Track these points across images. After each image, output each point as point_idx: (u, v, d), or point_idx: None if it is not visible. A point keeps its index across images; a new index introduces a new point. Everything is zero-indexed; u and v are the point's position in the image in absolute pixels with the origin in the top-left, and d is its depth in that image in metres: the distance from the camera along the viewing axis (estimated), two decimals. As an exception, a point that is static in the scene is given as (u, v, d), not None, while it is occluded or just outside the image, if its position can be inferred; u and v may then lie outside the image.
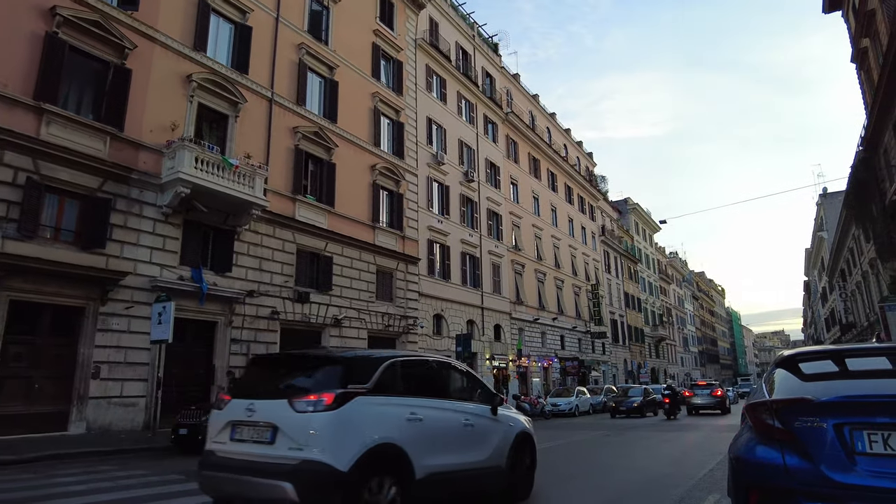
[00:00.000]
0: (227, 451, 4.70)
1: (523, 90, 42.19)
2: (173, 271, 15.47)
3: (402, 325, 23.69)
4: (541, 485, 7.03)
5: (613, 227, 58.47)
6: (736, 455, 3.28)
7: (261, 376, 5.44)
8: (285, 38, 20.16)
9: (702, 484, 7.51)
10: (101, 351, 13.70)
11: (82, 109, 14.15)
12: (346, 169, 21.87)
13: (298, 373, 5.08)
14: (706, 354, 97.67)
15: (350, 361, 4.91)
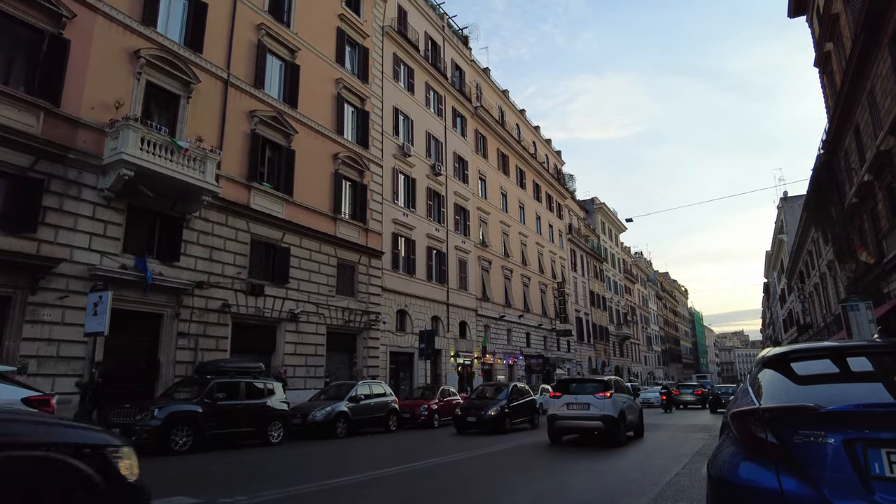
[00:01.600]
0: (566, 415, 13.11)
1: (493, 85, 41.72)
2: (115, 259, 14.41)
3: (364, 321, 22.92)
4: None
5: (580, 225, 58.62)
6: (718, 475, 2.65)
7: (565, 387, 13.77)
8: (244, 16, 19.15)
9: (667, 492, 7.06)
10: (30, 344, 12.62)
11: (11, 80, 12.98)
12: (307, 156, 20.97)
13: (592, 384, 13.65)
14: (669, 353, 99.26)
15: (609, 380, 13.60)
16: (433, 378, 27.26)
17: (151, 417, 10.89)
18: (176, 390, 13.02)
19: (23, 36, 13.29)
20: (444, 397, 20.87)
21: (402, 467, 9.29)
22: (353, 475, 8.44)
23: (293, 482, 7.76)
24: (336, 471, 8.89)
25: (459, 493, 7.35)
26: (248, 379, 13.44)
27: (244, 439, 13.11)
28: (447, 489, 7.66)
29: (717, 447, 2.96)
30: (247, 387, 13.16)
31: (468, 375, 30.93)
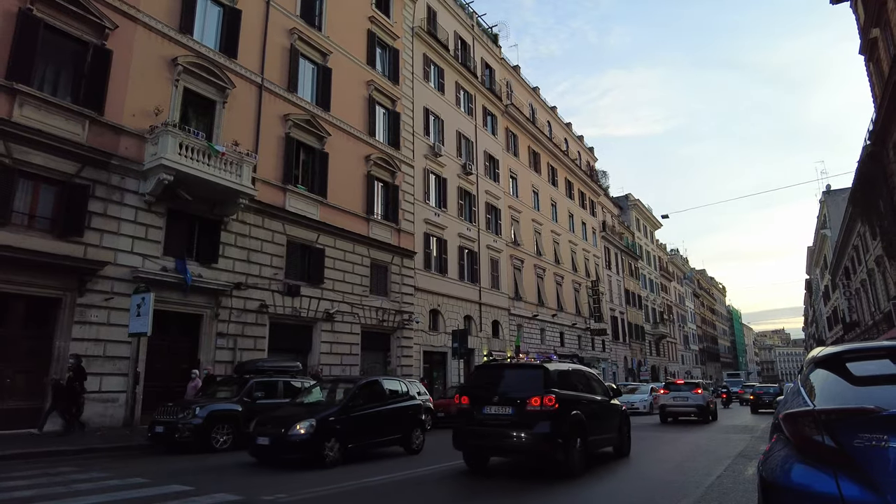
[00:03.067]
0: (673, 404, 20.53)
1: (524, 83, 41.44)
2: (156, 262, 14.83)
3: (398, 321, 23.05)
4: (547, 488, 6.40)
5: (614, 223, 57.76)
6: (770, 479, 2.55)
7: (670, 387, 21.58)
8: (276, 22, 19.46)
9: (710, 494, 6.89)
10: (79, 344, 13.09)
11: (59, 91, 13.50)
12: (340, 159, 21.20)
13: (689, 385, 21.52)
14: (707, 352, 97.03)
15: (700, 382, 22.48)
16: (467, 377, 27.23)
17: (193, 416, 11.14)
18: (216, 389, 13.31)
19: (69, 48, 13.79)
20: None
21: (435, 467, 9.29)
22: (391, 474, 8.48)
23: (332, 481, 7.84)
24: (372, 470, 8.94)
25: (489, 495, 7.29)
26: (285, 378, 13.64)
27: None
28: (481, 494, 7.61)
29: (767, 449, 2.86)
30: (285, 386, 13.36)
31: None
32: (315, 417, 9.41)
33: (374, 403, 10.84)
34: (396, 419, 11.17)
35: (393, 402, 11.45)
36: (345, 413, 9.91)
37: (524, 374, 8.76)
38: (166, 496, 6.53)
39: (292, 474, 8.41)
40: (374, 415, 10.66)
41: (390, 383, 12.11)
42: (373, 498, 6.90)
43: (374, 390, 11.28)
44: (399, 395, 11.93)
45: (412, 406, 11.86)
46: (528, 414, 7.92)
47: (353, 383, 11.11)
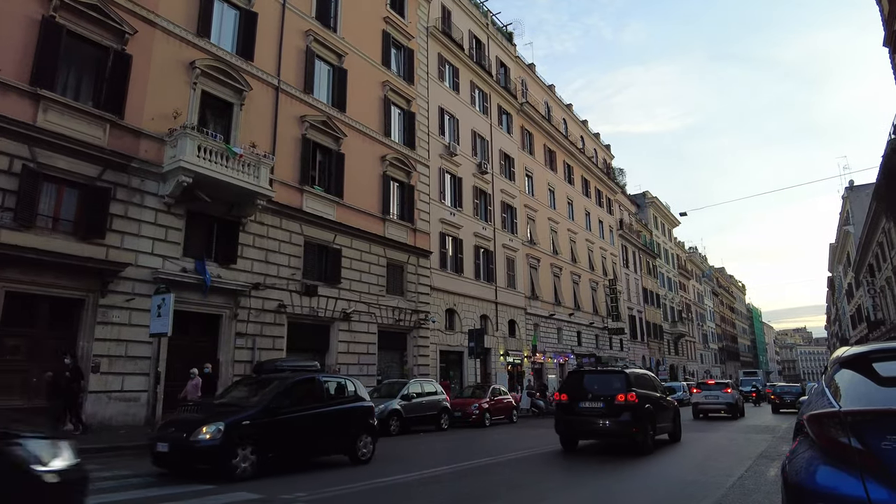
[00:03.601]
0: (704, 402, 22.74)
1: (539, 81, 41.26)
2: (176, 263, 15.03)
3: (414, 320, 23.10)
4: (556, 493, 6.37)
5: (631, 221, 57.27)
6: (794, 481, 2.50)
7: (702, 387, 24.15)
8: (292, 24, 19.60)
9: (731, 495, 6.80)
10: (102, 344, 13.32)
11: (81, 96, 13.73)
12: (356, 159, 21.29)
13: (720, 385, 23.80)
14: (726, 351, 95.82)
15: (728, 381, 24.99)
16: (483, 377, 27.22)
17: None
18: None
19: (90, 54, 14.03)
20: (495, 396, 20.80)
21: (457, 465, 9.30)
22: (406, 473, 8.51)
23: (349, 480, 7.89)
24: (389, 469, 8.97)
25: (522, 491, 7.29)
26: (302, 378, 13.71)
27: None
28: (502, 488, 7.60)
29: (791, 451, 2.82)
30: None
31: (518, 374, 30.74)
32: (226, 420, 7.88)
33: (309, 405, 9.34)
34: (339, 424, 9.71)
35: (336, 403, 10.01)
36: (267, 415, 8.37)
37: (611, 377, 11.56)
38: (186, 494, 6.62)
39: (312, 473, 8.47)
40: (307, 418, 9.14)
41: (333, 381, 10.67)
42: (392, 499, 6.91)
43: (311, 389, 9.71)
44: (344, 395, 10.46)
45: (360, 408, 10.37)
46: (616, 406, 10.73)
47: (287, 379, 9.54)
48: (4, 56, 12.31)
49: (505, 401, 21.08)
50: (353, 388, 10.76)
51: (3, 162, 12.11)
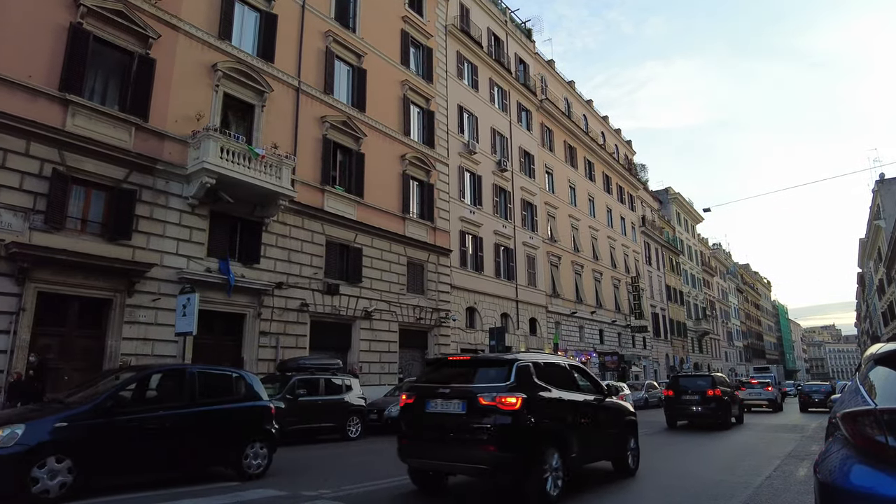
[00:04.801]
0: (749, 398, 25.54)
1: (558, 77, 40.97)
2: (200, 263, 15.27)
3: (434, 318, 23.14)
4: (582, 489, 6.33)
5: (654, 217, 56.58)
6: (828, 480, 2.43)
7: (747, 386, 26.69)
8: (311, 25, 19.75)
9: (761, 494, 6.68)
10: (129, 343, 13.59)
11: (107, 100, 14.01)
12: (375, 159, 21.39)
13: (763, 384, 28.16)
14: (752, 349, 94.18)
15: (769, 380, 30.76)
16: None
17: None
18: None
19: (116, 59, 14.31)
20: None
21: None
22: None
23: (373, 477, 7.93)
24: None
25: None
26: (327, 375, 13.85)
27: (324, 434, 13.51)
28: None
29: (824, 450, 2.75)
30: (326, 383, 13.58)
31: (540, 372, 30.55)
32: (29, 422, 6.14)
33: (171, 404, 7.49)
34: (217, 429, 7.77)
35: (213, 402, 7.90)
36: (98, 416, 6.49)
37: (702, 379, 16.87)
38: (213, 490, 6.72)
39: (338, 469, 8.53)
40: (167, 420, 7.19)
41: (213, 375, 8.54)
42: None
43: (178, 384, 7.78)
44: (232, 392, 8.40)
45: (249, 410, 8.31)
46: (707, 398, 16.00)
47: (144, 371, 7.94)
48: (35, 63, 12.62)
49: (527, 399, 21.03)
50: (243, 383, 8.66)
51: (34, 166, 12.42)
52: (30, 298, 12.03)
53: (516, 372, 6.24)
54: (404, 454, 6.58)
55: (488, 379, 6.29)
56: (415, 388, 6.90)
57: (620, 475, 7.82)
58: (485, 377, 6.40)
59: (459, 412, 6.09)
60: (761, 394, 26.60)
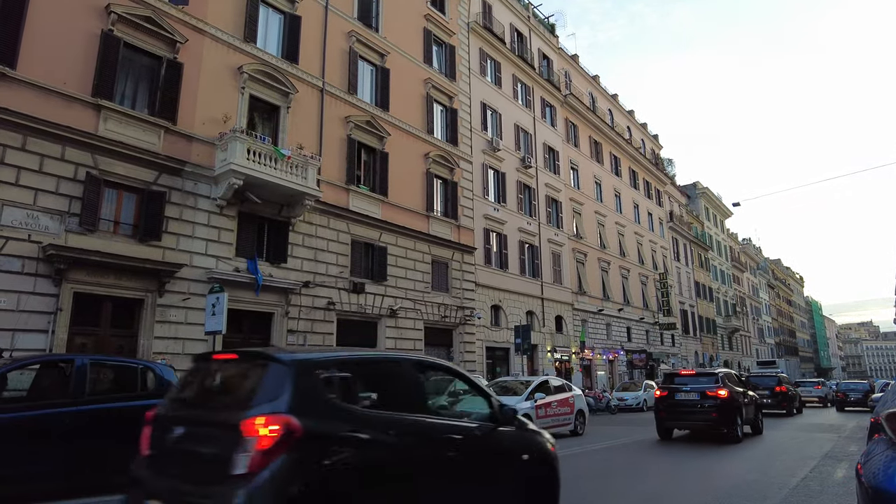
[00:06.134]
0: (803, 396, 26.98)
1: (583, 71, 40.53)
2: (229, 263, 15.51)
3: (459, 317, 23.12)
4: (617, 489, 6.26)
5: (682, 212, 55.63)
6: (873, 483, 2.32)
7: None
8: (335, 26, 19.87)
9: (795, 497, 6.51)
10: (160, 342, 13.88)
11: (137, 104, 14.32)
12: (399, 158, 21.45)
13: (812, 382, 33.52)
14: (784, 346, 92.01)
15: (820, 380, 35.29)
16: (530, 373, 27.00)
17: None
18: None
19: (145, 64, 14.61)
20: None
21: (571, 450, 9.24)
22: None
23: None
24: None
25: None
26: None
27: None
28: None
29: (866, 451, 2.65)
30: (351, 381, 13.63)
31: (566, 371, 30.36)
32: None
33: (47, 401, 6.43)
34: (113, 431, 6.16)
35: (106, 399, 6.68)
36: None
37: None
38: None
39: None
40: (42, 421, 6.05)
41: (109, 366, 7.30)
42: None
43: (59, 379, 6.65)
44: (132, 387, 7.13)
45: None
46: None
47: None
48: (69, 70, 12.96)
49: (553, 397, 20.85)
50: (154, 377, 7.31)
51: (69, 170, 12.76)
52: (66, 299, 12.37)
53: (721, 378, 12.76)
54: (663, 420, 12.96)
55: (708, 381, 12.72)
56: (665, 387, 13.30)
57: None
58: (706, 381, 12.79)
59: (696, 399, 12.54)
60: (811, 392, 30.74)
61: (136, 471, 3.83)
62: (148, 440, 3.90)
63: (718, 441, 12.12)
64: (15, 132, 12.02)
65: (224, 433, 3.29)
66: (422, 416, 4.11)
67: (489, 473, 4.32)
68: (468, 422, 4.48)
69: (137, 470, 3.83)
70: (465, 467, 4.08)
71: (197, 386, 4.15)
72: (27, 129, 12.17)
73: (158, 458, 3.78)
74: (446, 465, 3.99)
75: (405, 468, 3.74)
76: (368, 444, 3.53)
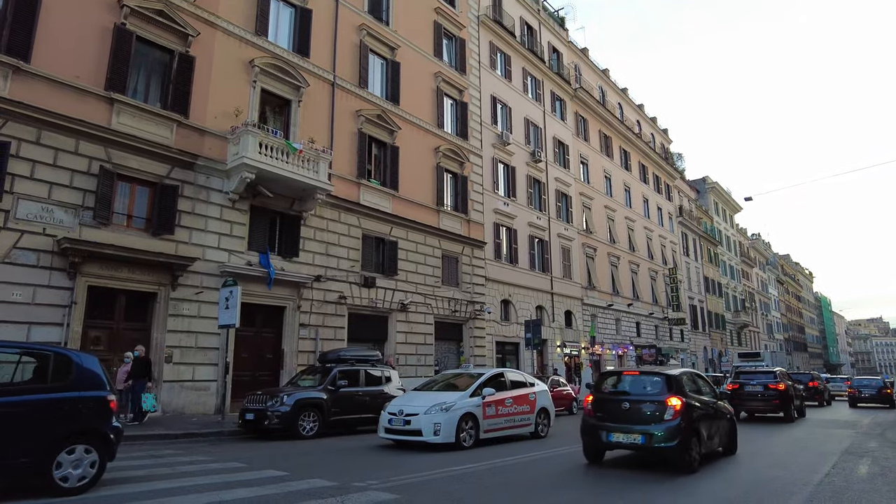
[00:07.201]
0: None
1: (592, 65, 40.24)
2: (241, 256, 15.51)
3: (469, 311, 23.08)
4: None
5: (691, 207, 55.27)
6: None
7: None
8: (345, 19, 19.78)
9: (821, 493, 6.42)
10: (173, 335, 13.91)
11: (149, 98, 14.32)
12: (410, 152, 21.37)
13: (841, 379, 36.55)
14: (793, 342, 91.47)
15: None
16: (540, 368, 26.94)
17: (281, 404, 11.56)
18: (300, 378, 13.76)
19: (157, 57, 14.61)
20: (555, 388, 20.49)
21: (523, 456, 9.20)
22: (476, 463, 8.47)
23: (419, 468, 7.92)
24: (457, 459, 8.95)
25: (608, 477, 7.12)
26: (367, 367, 13.91)
27: (364, 425, 13.55)
28: (577, 474, 7.45)
29: None
30: (366, 374, 13.64)
31: (576, 366, 30.28)
32: None
33: None
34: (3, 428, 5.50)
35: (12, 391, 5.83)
36: None
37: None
38: (264, 480, 6.80)
39: (380, 460, 8.56)
40: None
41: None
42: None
43: None
44: (40, 378, 6.09)
45: (61, 402, 5.93)
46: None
47: None
48: (82, 64, 12.95)
49: (564, 392, 20.77)
50: (67, 366, 6.21)
51: (82, 163, 12.77)
52: (81, 292, 12.40)
53: (778, 374, 17.07)
54: (736, 406, 14.39)
55: (769, 378, 16.78)
56: (736, 381, 17.14)
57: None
58: (767, 376, 17.01)
59: (760, 390, 16.45)
60: (842, 386, 32.08)
61: (595, 421, 8.31)
62: (594, 407, 8.46)
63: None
64: (30, 126, 12.04)
65: (655, 404, 7.84)
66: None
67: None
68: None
69: (596, 421, 8.29)
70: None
71: (616, 384, 8.90)
72: (41, 123, 12.19)
73: (609, 414, 8.19)
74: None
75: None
76: (698, 408, 8.27)
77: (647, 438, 7.62)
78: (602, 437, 8.07)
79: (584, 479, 7.41)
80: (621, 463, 8.63)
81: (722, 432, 9.08)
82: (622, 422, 7.94)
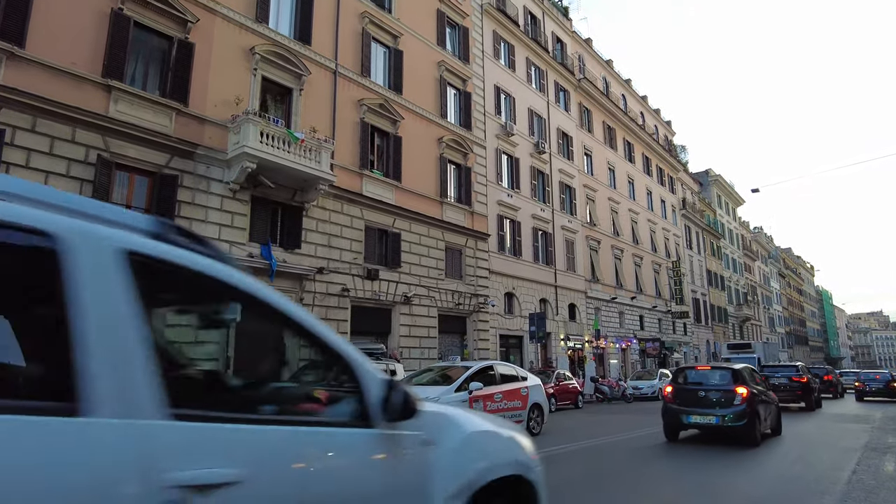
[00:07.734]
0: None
1: (596, 56, 39.79)
2: (242, 248, 15.20)
3: (473, 304, 22.79)
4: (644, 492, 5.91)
5: (694, 200, 54.92)
6: None
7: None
8: (348, 6, 19.38)
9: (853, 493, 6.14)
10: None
11: (148, 86, 13.95)
12: (413, 142, 21.02)
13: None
14: (794, 336, 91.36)
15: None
16: (544, 361, 26.71)
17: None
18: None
19: (155, 44, 14.22)
20: (560, 381, 20.29)
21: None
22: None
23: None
24: None
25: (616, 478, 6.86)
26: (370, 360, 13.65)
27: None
28: (602, 476, 7.20)
29: None
30: (369, 369, 13.37)
31: (579, 359, 30.04)
32: None
33: None
34: None
35: None
36: None
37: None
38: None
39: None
40: None
41: None
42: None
43: None
44: None
45: None
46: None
47: None
48: (78, 50, 12.59)
49: (570, 386, 20.58)
50: None
51: (80, 152, 12.44)
52: (78, 284, 12.08)
53: (800, 368, 18.99)
54: None
55: (793, 371, 18.77)
56: (762, 374, 15.68)
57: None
58: (790, 370, 18.93)
59: (785, 381, 17.98)
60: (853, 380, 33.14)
61: (676, 406, 10.12)
62: (673, 395, 10.36)
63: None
64: (25, 113, 11.70)
65: (725, 392, 9.82)
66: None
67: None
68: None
69: (677, 406, 10.11)
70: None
71: (692, 376, 10.81)
72: (37, 111, 11.84)
73: (686, 401, 10.04)
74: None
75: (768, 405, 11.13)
76: (757, 395, 10.14)
77: (720, 419, 9.78)
78: (682, 419, 10.13)
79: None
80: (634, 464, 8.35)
81: (772, 416, 11.05)
82: (699, 406, 10.03)
